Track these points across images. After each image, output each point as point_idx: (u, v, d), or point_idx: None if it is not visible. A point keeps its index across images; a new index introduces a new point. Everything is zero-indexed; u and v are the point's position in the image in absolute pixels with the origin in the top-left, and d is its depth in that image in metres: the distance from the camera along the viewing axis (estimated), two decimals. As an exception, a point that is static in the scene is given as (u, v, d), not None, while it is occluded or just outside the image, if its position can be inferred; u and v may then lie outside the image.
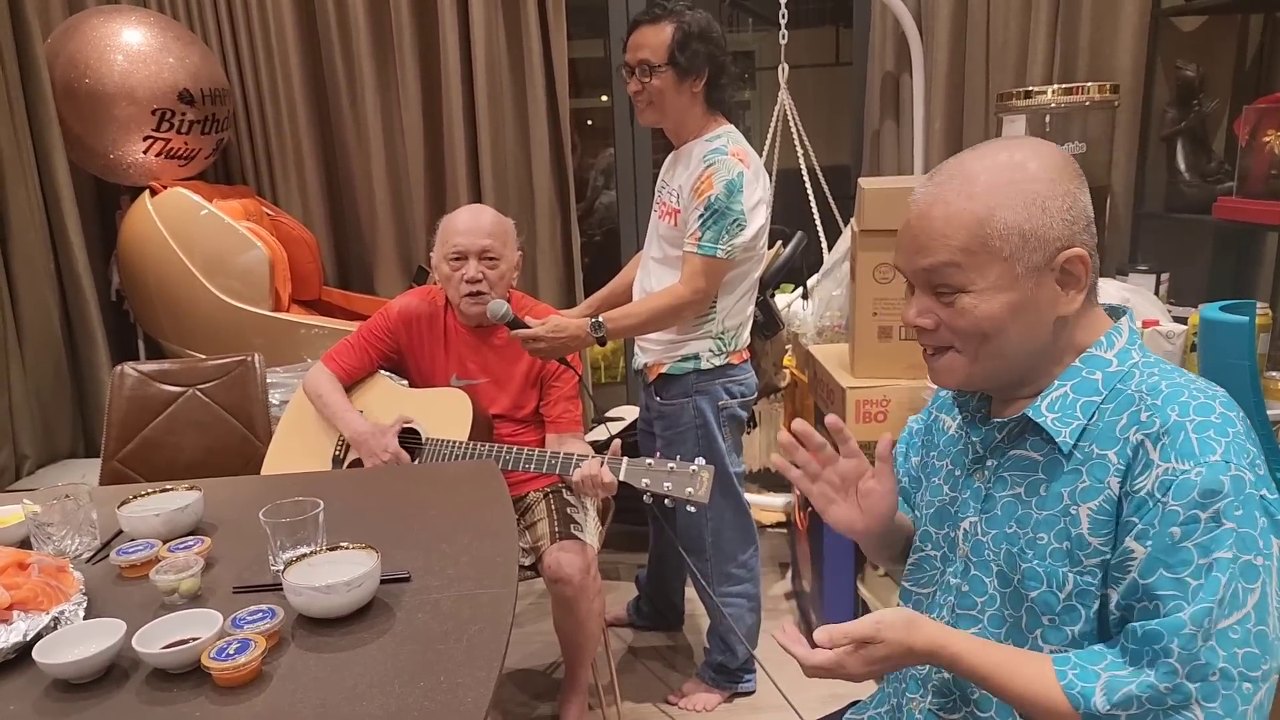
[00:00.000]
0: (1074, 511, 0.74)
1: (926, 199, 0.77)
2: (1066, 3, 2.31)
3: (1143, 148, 2.33)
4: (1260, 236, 2.30)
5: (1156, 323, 1.61)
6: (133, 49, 2.27)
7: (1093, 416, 0.75)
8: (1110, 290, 1.68)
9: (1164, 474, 0.69)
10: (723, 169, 1.57)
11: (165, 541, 1.13)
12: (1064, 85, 2.14)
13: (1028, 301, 0.74)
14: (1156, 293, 1.95)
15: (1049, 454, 0.77)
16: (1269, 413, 1.46)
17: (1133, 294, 1.68)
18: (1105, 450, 0.74)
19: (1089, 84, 2.14)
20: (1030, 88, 2.19)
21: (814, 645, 0.78)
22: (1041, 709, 0.72)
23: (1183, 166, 2.19)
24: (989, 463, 0.82)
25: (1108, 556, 0.72)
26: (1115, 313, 0.82)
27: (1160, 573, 0.69)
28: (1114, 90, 2.16)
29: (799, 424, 0.87)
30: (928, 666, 0.85)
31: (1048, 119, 2.15)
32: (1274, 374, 1.58)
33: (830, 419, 0.88)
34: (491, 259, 1.65)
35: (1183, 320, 1.64)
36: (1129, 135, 2.33)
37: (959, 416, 0.88)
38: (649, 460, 1.40)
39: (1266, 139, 1.83)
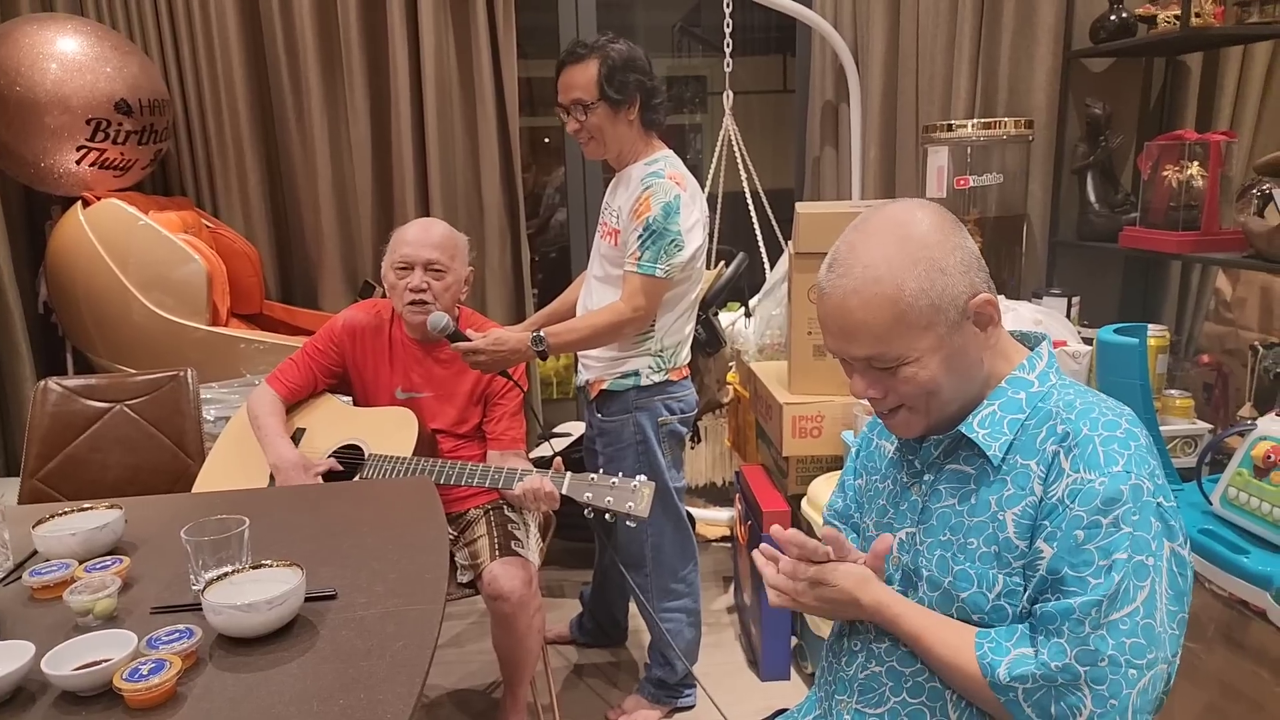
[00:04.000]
0: (1001, 517, 0.80)
1: (838, 291, 0.81)
2: (987, 42, 2.46)
3: (1056, 180, 2.47)
4: (1164, 263, 2.47)
5: (1065, 343, 1.71)
6: (67, 57, 2.21)
7: (1018, 432, 0.82)
8: (1024, 313, 1.78)
9: (1072, 483, 0.76)
10: (660, 191, 1.62)
11: (82, 562, 1.10)
12: (983, 120, 2.27)
13: (957, 352, 0.81)
14: (1068, 315, 2.07)
15: (980, 466, 0.84)
16: (1164, 429, 1.57)
17: (1046, 316, 1.78)
18: (1028, 461, 0.80)
19: (1006, 119, 2.27)
20: (952, 121, 2.31)
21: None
22: (958, 673, 0.80)
23: (1093, 198, 2.34)
24: (926, 477, 0.88)
25: (1029, 557, 0.79)
26: (1032, 339, 0.89)
27: (1065, 570, 0.76)
28: (1029, 125, 2.30)
29: (793, 534, 0.88)
30: (854, 667, 0.90)
31: (969, 151, 2.27)
32: (1172, 392, 1.70)
33: (828, 531, 0.87)
34: (438, 270, 1.65)
35: (1090, 341, 1.75)
36: (1043, 168, 2.47)
37: (897, 439, 0.93)
38: (592, 475, 1.43)
39: (1166, 173, 1.97)
